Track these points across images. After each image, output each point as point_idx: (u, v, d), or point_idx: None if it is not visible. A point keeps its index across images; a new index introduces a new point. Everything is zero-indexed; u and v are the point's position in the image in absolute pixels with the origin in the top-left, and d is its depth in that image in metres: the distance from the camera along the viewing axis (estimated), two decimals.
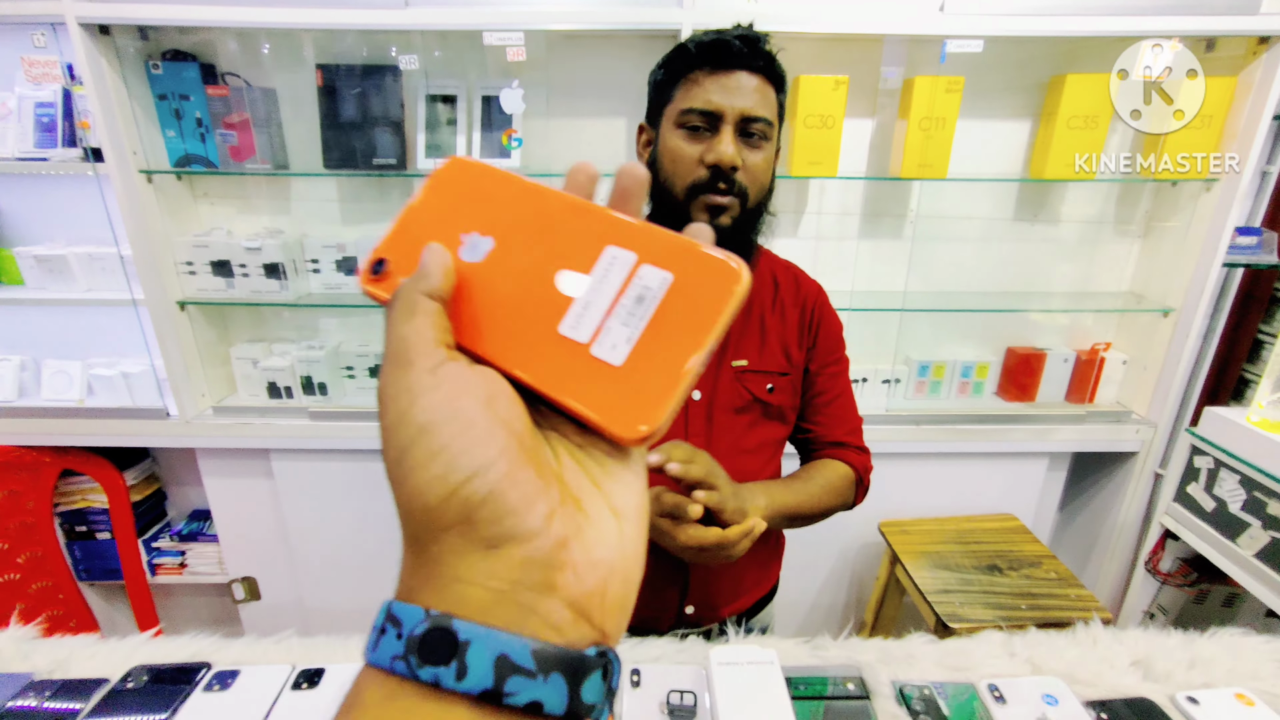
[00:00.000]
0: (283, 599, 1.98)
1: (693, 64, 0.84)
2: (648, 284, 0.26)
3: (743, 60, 0.82)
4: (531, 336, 0.26)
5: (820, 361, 1.01)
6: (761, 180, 0.87)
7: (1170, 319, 1.68)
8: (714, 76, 0.82)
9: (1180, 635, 0.83)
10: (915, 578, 1.54)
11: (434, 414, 0.22)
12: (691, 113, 0.83)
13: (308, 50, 1.59)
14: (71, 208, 1.70)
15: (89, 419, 1.72)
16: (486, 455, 0.22)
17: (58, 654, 0.78)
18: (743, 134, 0.83)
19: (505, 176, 0.31)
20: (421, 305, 0.25)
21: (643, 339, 0.25)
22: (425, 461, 0.22)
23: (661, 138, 0.88)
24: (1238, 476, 1.37)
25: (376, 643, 0.21)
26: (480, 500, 0.21)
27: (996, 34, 1.41)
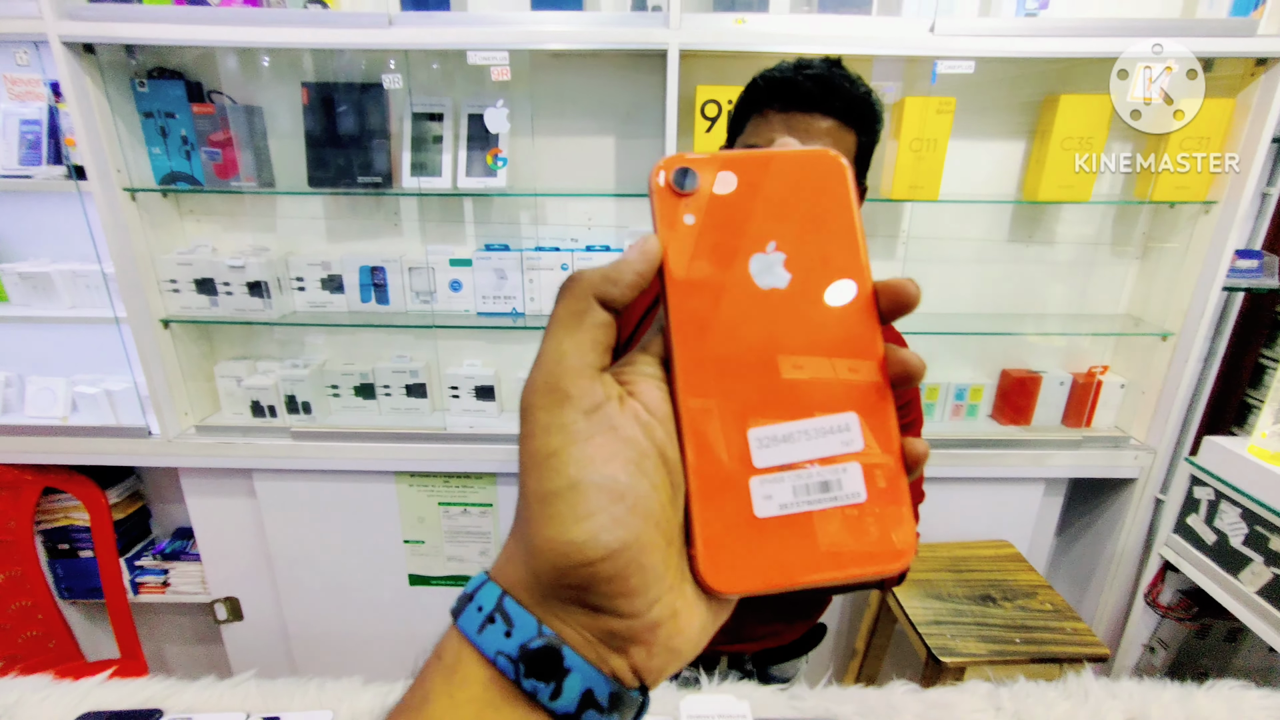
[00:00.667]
0: (266, 620, 1.95)
1: (763, 99, 0.80)
2: (844, 486, 0.24)
3: (813, 102, 0.78)
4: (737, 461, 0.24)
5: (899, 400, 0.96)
6: None
7: (1169, 343, 1.65)
8: (783, 115, 0.79)
9: (1177, 688, 0.79)
10: (906, 607, 1.50)
11: (587, 472, 0.22)
12: (754, 148, 0.80)
13: (293, 68, 1.58)
14: (56, 225, 1.69)
15: (71, 437, 1.70)
16: (625, 536, 0.22)
17: (6, 699, 0.75)
18: None
19: (849, 211, 0.27)
20: (592, 315, 0.24)
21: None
22: (570, 521, 0.22)
23: None
24: (1239, 509, 1.33)
25: (481, 626, 0.23)
26: (605, 578, 0.22)
27: (988, 54, 1.39)
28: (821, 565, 0.23)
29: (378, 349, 1.83)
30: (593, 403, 0.23)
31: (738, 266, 0.25)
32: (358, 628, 1.93)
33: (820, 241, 0.26)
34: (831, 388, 0.25)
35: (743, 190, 0.26)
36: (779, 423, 0.24)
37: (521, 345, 1.82)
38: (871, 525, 0.24)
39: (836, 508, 0.24)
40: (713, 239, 0.26)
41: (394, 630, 1.93)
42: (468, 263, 1.68)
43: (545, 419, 0.23)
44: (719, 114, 1.46)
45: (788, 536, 0.24)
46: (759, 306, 0.25)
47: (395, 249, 1.74)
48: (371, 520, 1.80)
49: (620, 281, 0.25)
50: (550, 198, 1.68)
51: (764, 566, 0.23)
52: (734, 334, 0.25)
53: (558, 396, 0.23)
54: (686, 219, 0.26)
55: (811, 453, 0.24)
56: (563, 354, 0.24)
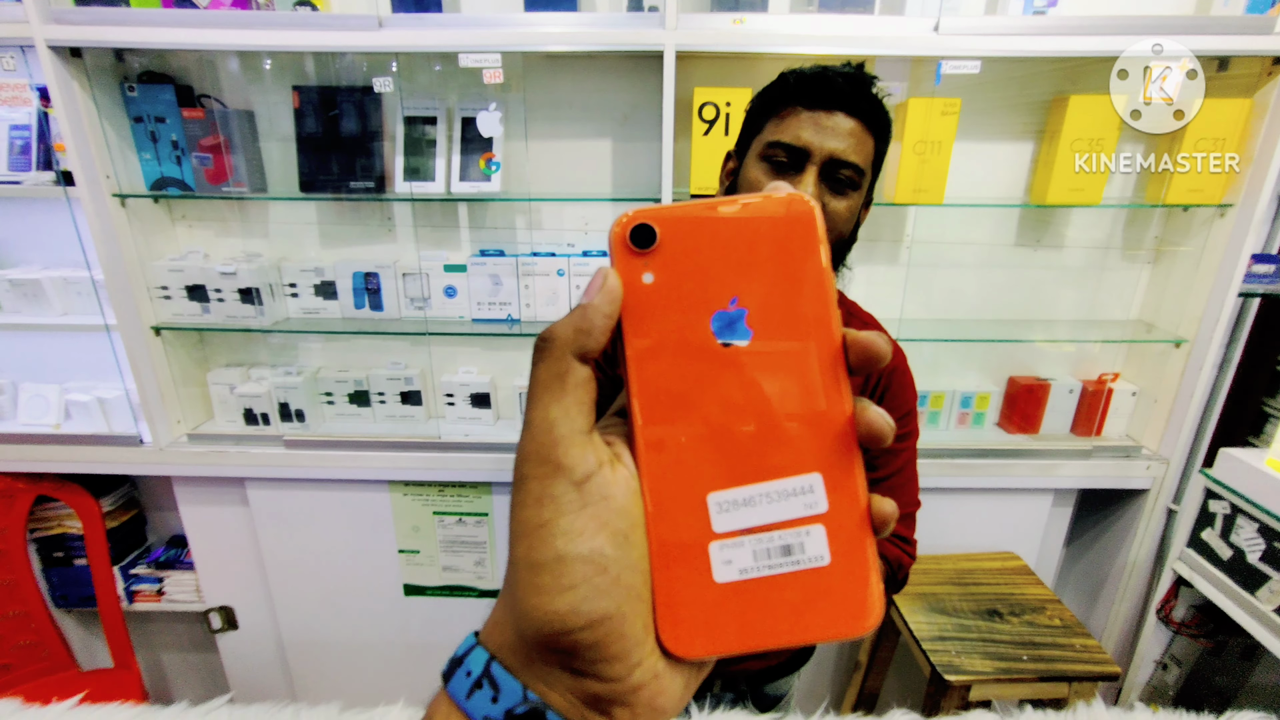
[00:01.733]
0: (260, 629, 1.92)
1: (790, 98, 0.79)
2: (807, 549, 0.24)
3: (843, 101, 0.77)
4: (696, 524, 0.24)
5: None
6: (841, 228, 0.82)
7: (1182, 350, 1.60)
8: (810, 113, 0.78)
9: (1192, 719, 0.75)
10: (910, 622, 1.46)
11: (574, 544, 0.23)
12: (778, 146, 0.79)
13: (285, 72, 1.55)
14: (47, 231, 1.68)
15: (63, 445, 1.69)
16: (607, 607, 0.23)
17: None
18: (829, 178, 0.78)
19: (817, 261, 0.25)
20: (574, 374, 0.24)
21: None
22: (554, 592, 0.22)
23: (744, 167, 0.83)
24: (1256, 524, 1.28)
25: (470, 691, 0.23)
26: (587, 646, 0.23)
27: (994, 54, 1.34)
28: (782, 630, 0.23)
29: (372, 356, 1.81)
30: (584, 472, 0.23)
31: (698, 324, 0.25)
32: (352, 637, 1.91)
33: (786, 294, 0.25)
34: (795, 447, 0.24)
35: (705, 242, 0.25)
36: (739, 486, 0.24)
37: (517, 352, 1.79)
38: (836, 588, 0.23)
39: (799, 571, 0.23)
40: (673, 296, 0.25)
41: (389, 640, 1.90)
42: (462, 268, 1.65)
43: (537, 490, 0.23)
44: (717, 116, 1.43)
45: (748, 601, 0.23)
46: (720, 365, 0.24)
47: (389, 255, 1.71)
48: (366, 530, 1.77)
49: (593, 330, 0.24)
50: (546, 202, 1.65)
51: (723, 632, 0.23)
52: (694, 394, 0.24)
53: (549, 468, 0.23)
54: (645, 278, 0.25)
55: (773, 516, 0.24)
56: (551, 423, 0.24)
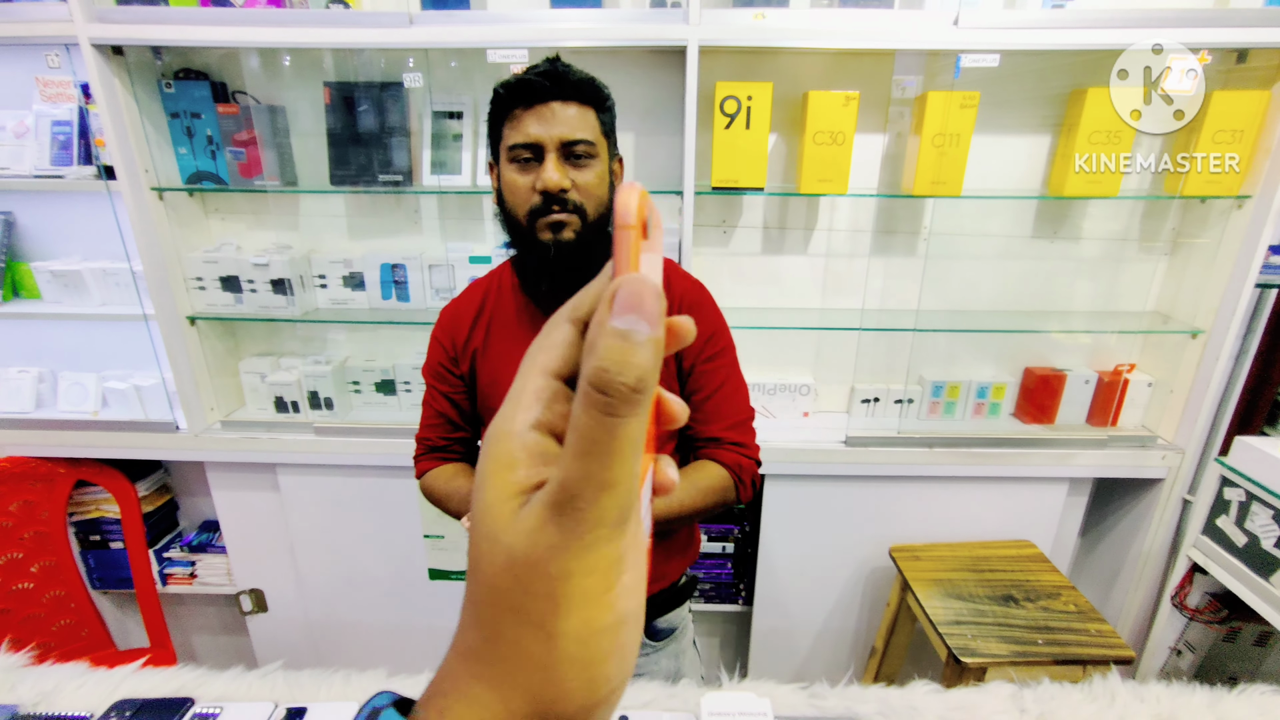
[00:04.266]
0: (289, 611, 1.98)
1: (509, 103, 0.90)
2: None
3: (551, 92, 0.88)
4: None
5: (693, 358, 1.02)
6: (597, 194, 0.93)
7: (1199, 340, 1.61)
8: (530, 111, 0.88)
9: (1206, 692, 0.78)
10: (926, 607, 1.49)
11: (630, 601, 0.21)
12: (517, 147, 0.90)
13: (315, 68, 1.60)
14: (87, 223, 1.73)
15: (102, 431, 1.75)
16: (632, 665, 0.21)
17: (44, 685, 0.77)
18: (569, 157, 0.89)
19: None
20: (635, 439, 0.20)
21: None
22: (612, 657, 0.21)
23: (502, 173, 0.94)
24: (1271, 511, 1.30)
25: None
26: (613, 705, 0.21)
27: (1013, 47, 1.36)
28: None
29: (398, 345, 1.85)
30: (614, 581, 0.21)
31: None
32: (379, 620, 1.96)
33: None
34: None
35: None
36: None
37: None
38: None
39: None
40: None
41: (415, 623, 1.95)
42: (487, 259, 1.69)
43: (613, 553, 0.20)
44: (738, 110, 1.45)
45: None
46: None
47: (416, 246, 1.75)
48: (393, 515, 1.82)
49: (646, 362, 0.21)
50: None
51: None
52: None
53: (632, 524, 0.20)
54: None
55: None
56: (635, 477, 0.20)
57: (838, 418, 1.81)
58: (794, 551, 1.80)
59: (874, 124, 1.58)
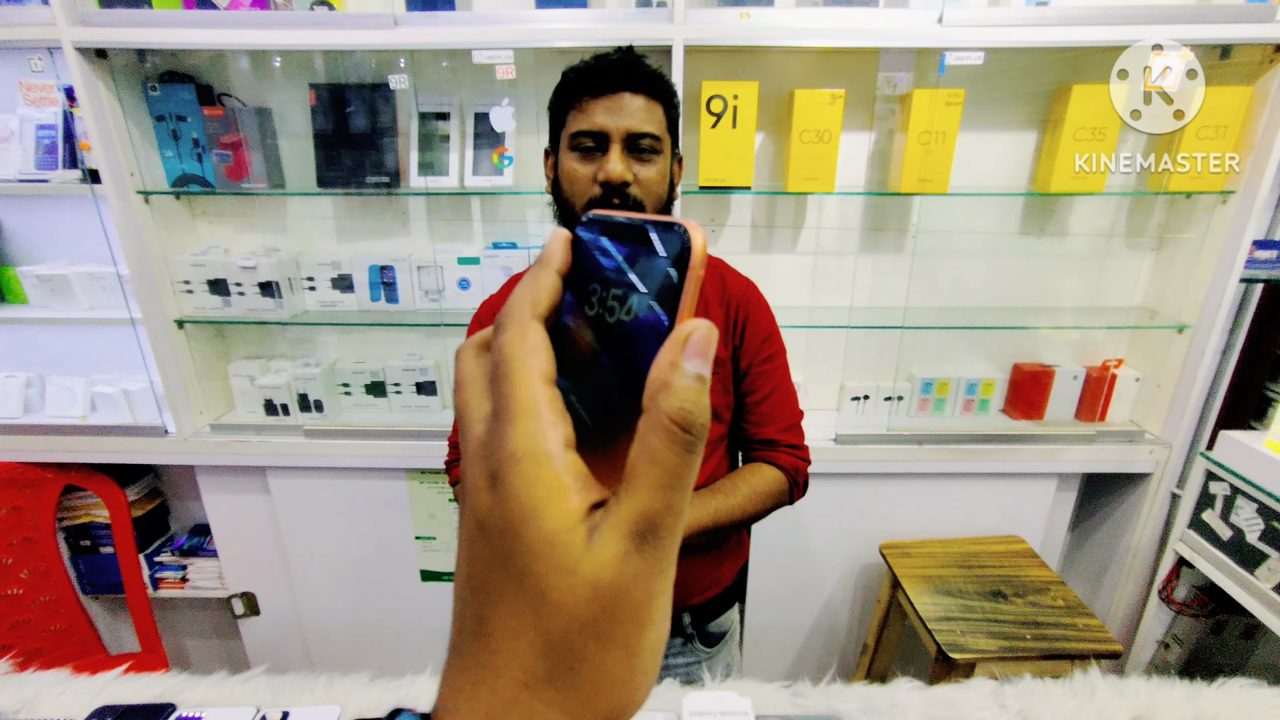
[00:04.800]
0: (281, 614, 1.98)
1: (578, 91, 0.88)
2: None
3: (622, 82, 0.87)
4: None
5: (749, 359, 1.02)
6: (657, 191, 0.91)
7: (1185, 335, 1.62)
8: (598, 100, 0.87)
9: (1186, 686, 0.79)
10: (916, 604, 1.50)
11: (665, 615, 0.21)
12: (581, 135, 0.87)
13: (302, 70, 1.59)
14: (73, 228, 1.73)
15: (90, 436, 1.74)
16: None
17: (24, 692, 0.77)
18: (633, 150, 0.88)
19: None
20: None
21: None
22: (655, 672, 0.21)
23: (561, 160, 0.92)
24: (1255, 505, 1.31)
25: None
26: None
27: (997, 45, 1.37)
28: None
29: (388, 347, 1.85)
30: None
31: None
32: (371, 622, 1.96)
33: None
34: None
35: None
36: None
37: None
38: None
39: None
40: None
41: (406, 624, 1.95)
42: (476, 261, 1.69)
43: (655, 558, 0.20)
44: (725, 109, 1.45)
45: None
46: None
47: (404, 248, 1.75)
48: (384, 517, 1.82)
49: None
50: None
51: None
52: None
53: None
54: None
55: None
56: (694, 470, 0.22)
57: (827, 415, 1.81)
58: (785, 549, 1.80)
59: (860, 122, 1.59)
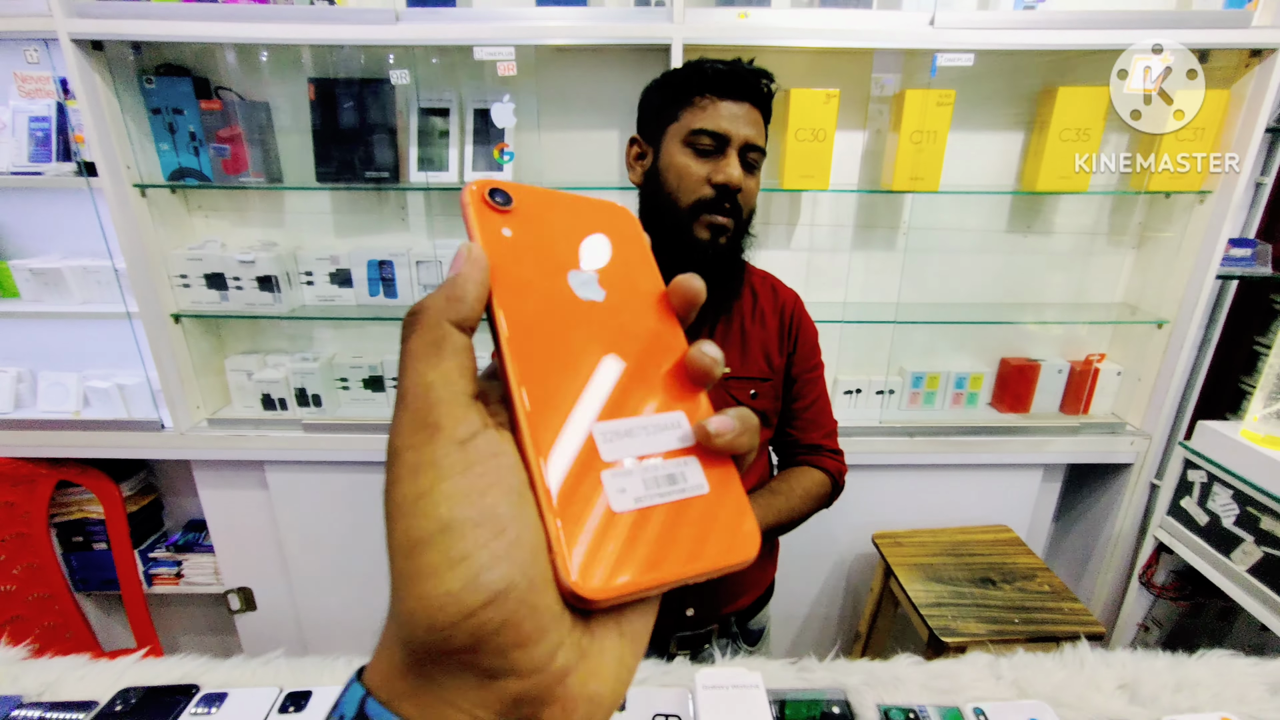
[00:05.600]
0: (278, 609, 1.98)
1: (704, 87, 0.88)
2: (688, 479, 0.24)
3: (749, 92, 0.88)
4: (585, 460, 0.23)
5: (800, 367, 1.06)
6: (753, 203, 0.94)
7: (1164, 330, 1.68)
8: (725, 103, 0.87)
9: (1168, 657, 0.83)
10: (908, 590, 1.54)
11: (460, 509, 0.19)
12: (703, 134, 0.87)
13: (299, 64, 1.59)
14: (67, 221, 1.71)
15: (84, 431, 1.73)
16: (510, 573, 0.19)
17: (46, 676, 0.78)
18: (742, 160, 0.89)
19: (644, 248, 0.29)
20: (451, 340, 0.22)
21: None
22: (441, 569, 0.19)
23: (665, 153, 0.90)
24: (1231, 491, 1.37)
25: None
26: (494, 629, 0.19)
27: (987, 47, 1.41)
28: (683, 560, 0.22)
29: (386, 342, 1.86)
30: (468, 431, 0.21)
31: (557, 280, 0.26)
32: (369, 615, 1.96)
33: (623, 265, 0.28)
34: (657, 390, 0.25)
35: (552, 213, 0.27)
36: (619, 419, 0.24)
37: None
38: (719, 516, 0.24)
39: (686, 500, 0.23)
40: (531, 252, 0.26)
41: None
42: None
43: (414, 459, 0.20)
44: None
45: (648, 532, 0.22)
46: (584, 316, 0.26)
47: (403, 243, 1.76)
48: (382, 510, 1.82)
49: (466, 298, 0.23)
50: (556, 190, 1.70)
51: (635, 563, 0.21)
52: (564, 340, 0.25)
53: (427, 433, 0.20)
54: (505, 231, 0.26)
55: (653, 447, 0.24)
56: (428, 385, 0.21)
57: None
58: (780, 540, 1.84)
59: (854, 121, 1.62)
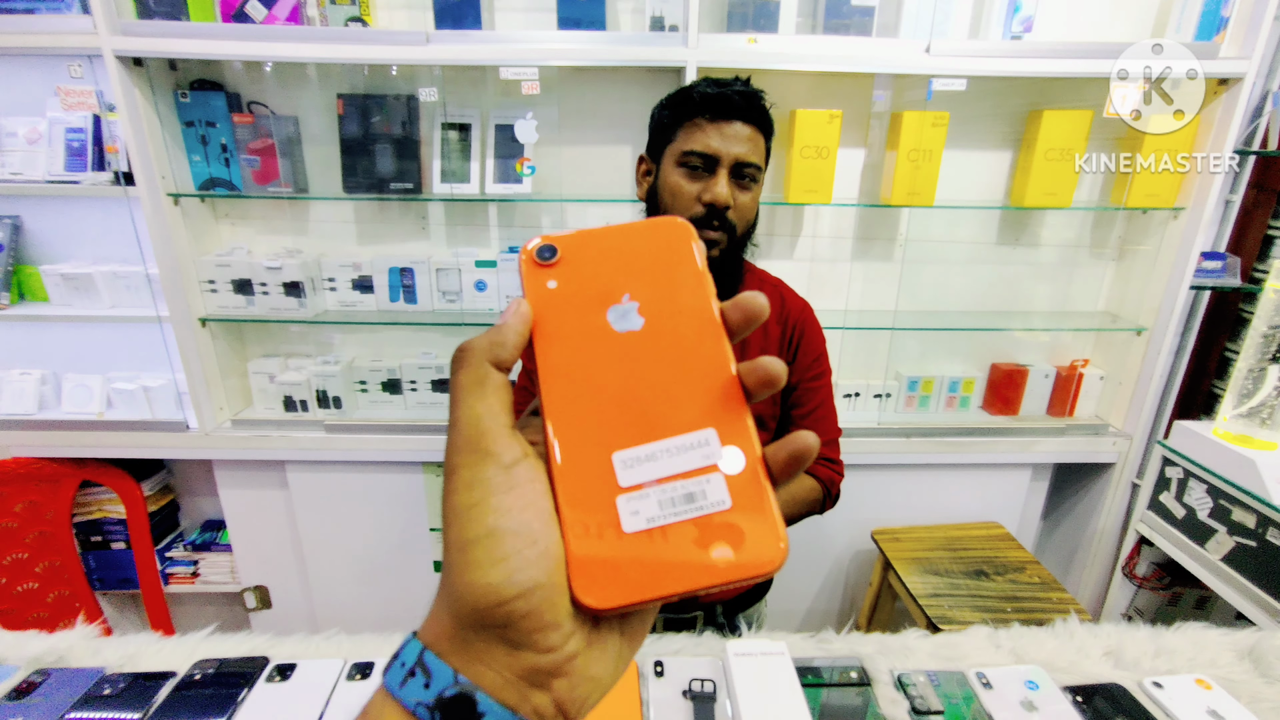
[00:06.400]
0: (294, 608, 2.02)
1: (696, 110, 0.95)
2: (708, 495, 0.25)
3: (740, 112, 0.94)
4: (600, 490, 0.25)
5: (798, 375, 1.09)
6: (748, 216, 0.99)
7: (1143, 337, 1.79)
8: (714, 124, 0.94)
9: (1149, 629, 0.92)
10: (907, 582, 1.63)
11: (504, 520, 0.24)
12: (692, 155, 0.94)
13: (329, 79, 1.67)
14: (94, 228, 1.77)
15: (110, 431, 1.78)
16: (538, 576, 0.24)
17: (125, 649, 0.84)
18: (735, 176, 0.95)
19: (693, 263, 0.30)
20: (491, 379, 0.27)
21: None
22: (486, 565, 0.24)
23: (663, 173, 0.98)
24: (1205, 485, 1.47)
25: (404, 680, 0.24)
26: (521, 615, 0.24)
27: (978, 74, 1.52)
28: (694, 572, 0.24)
29: (404, 347, 1.92)
30: (511, 459, 0.25)
31: (596, 317, 0.28)
32: (385, 614, 2.01)
33: (669, 286, 0.29)
34: (689, 410, 0.26)
35: (598, 253, 0.30)
36: (641, 445, 0.26)
37: None
38: (741, 529, 0.25)
39: (704, 516, 0.25)
40: (573, 297, 0.29)
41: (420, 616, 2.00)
42: (492, 264, 1.78)
43: (468, 476, 0.25)
44: None
45: (658, 548, 0.24)
46: (618, 348, 0.28)
47: (423, 251, 1.83)
48: (400, 509, 1.89)
49: (506, 344, 0.27)
50: (571, 203, 1.79)
51: (635, 579, 0.24)
52: (596, 375, 0.27)
53: (479, 455, 0.25)
54: (550, 284, 0.29)
55: (674, 468, 0.25)
56: (478, 417, 0.26)
57: None
58: None
59: (855, 139, 1.73)
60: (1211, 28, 1.54)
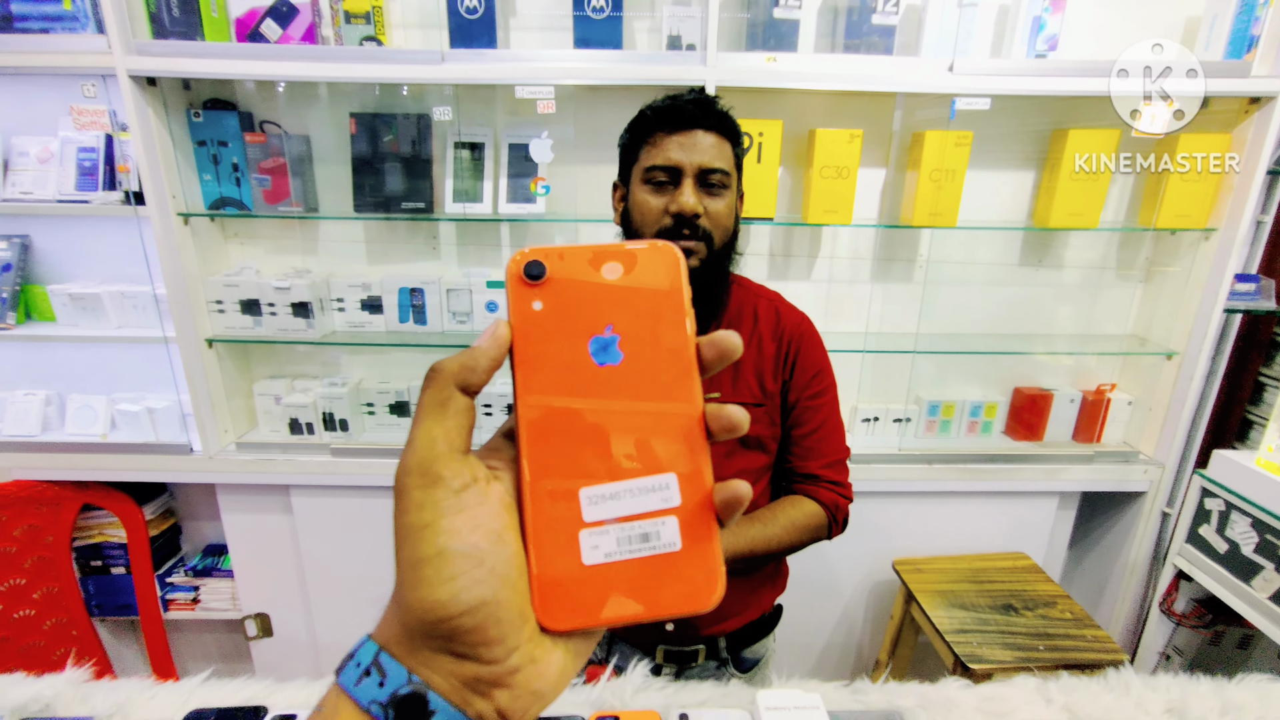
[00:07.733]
0: (295, 637, 1.97)
1: (653, 127, 0.93)
2: (662, 537, 0.27)
3: (697, 120, 0.92)
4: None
5: (798, 393, 1.03)
6: (725, 224, 0.96)
7: (1174, 362, 1.73)
8: (672, 136, 0.92)
9: (1210, 681, 0.85)
10: (932, 617, 1.56)
11: (453, 541, 0.25)
12: (655, 169, 0.92)
13: (340, 99, 1.66)
14: (103, 248, 1.75)
15: (113, 454, 1.74)
16: (484, 595, 0.25)
17: (116, 697, 0.79)
18: (703, 185, 0.93)
19: (679, 294, 0.29)
20: (455, 402, 0.27)
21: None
22: (436, 583, 0.25)
23: (632, 193, 0.96)
24: (1249, 519, 1.40)
25: (359, 679, 0.25)
26: (467, 630, 0.25)
27: (1002, 93, 1.48)
28: (639, 605, 0.27)
29: (412, 368, 1.89)
30: (461, 484, 0.26)
31: (578, 348, 0.29)
32: None
33: (651, 319, 0.29)
34: (655, 452, 0.28)
35: (585, 279, 0.29)
36: (607, 483, 0.28)
37: None
38: (685, 571, 0.27)
39: (655, 556, 0.27)
40: (557, 323, 0.29)
41: None
42: (504, 285, 1.74)
43: (419, 497, 0.26)
44: (750, 145, 1.55)
45: (611, 581, 0.27)
46: (596, 383, 0.28)
47: (433, 271, 1.80)
48: None
49: (477, 369, 0.28)
50: (585, 223, 1.75)
51: (588, 607, 0.27)
52: (572, 408, 0.28)
53: (430, 478, 0.26)
54: (535, 305, 0.29)
55: (635, 508, 0.27)
56: (433, 440, 0.26)
57: None
58: (801, 566, 1.85)
59: (876, 159, 1.69)
60: (1241, 46, 1.50)
